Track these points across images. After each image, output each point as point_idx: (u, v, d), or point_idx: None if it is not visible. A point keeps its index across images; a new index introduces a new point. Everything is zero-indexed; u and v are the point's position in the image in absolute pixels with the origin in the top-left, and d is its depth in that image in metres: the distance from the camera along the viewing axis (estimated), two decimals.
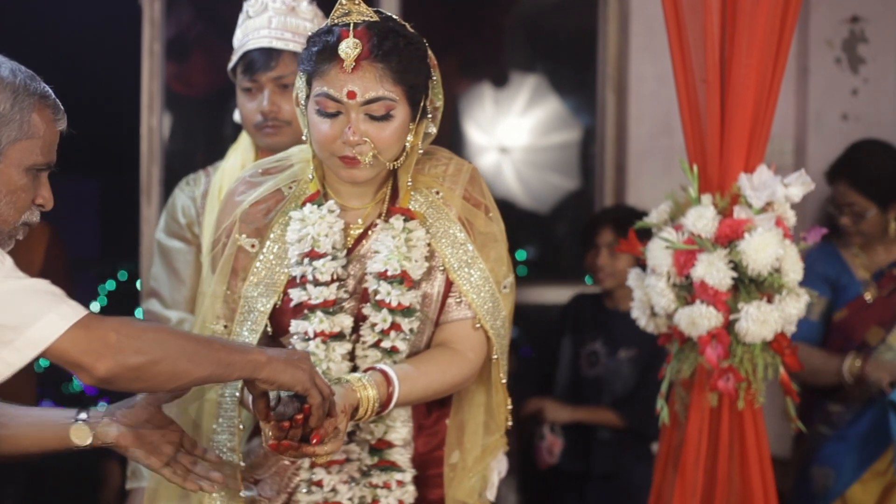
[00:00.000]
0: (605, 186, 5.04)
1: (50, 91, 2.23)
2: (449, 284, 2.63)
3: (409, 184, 2.61)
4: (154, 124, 4.61)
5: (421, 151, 2.61)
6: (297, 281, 2.58)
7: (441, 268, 2.62)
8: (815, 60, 4.89)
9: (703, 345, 3.00)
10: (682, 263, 3.02)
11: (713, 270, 2.97)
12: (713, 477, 3.10)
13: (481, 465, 2.74)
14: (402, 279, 2.56)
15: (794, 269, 3.01)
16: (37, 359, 2.05)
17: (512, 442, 4.56)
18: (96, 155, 3.68)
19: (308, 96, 2.53)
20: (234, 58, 3.28)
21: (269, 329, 2.61)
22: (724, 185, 3.05)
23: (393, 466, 2.63)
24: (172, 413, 2.48)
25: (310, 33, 2.61)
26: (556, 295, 5.22)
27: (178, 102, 4.93)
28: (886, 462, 4.02)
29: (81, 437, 2.33)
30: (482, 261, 2.63)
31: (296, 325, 2.58)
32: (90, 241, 4.95)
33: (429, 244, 2.60)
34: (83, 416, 2.35)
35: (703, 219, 3.01)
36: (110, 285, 5.32)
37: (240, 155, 3.37)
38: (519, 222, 5.56)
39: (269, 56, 3.21)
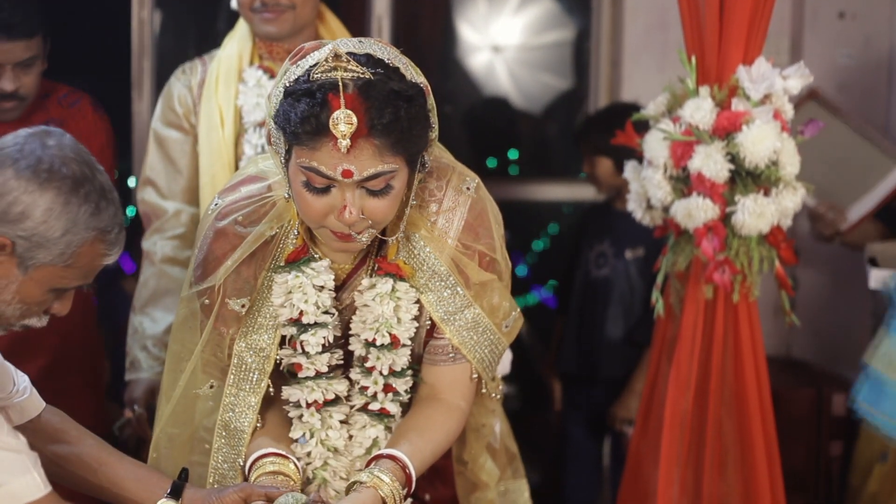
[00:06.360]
0: (599, 83, 5.01)
1: (116, 224, 2.10)
2: (430, 329, 2.45)
3: (402, 234, 2.38)
4: (145, 17, 4.55)
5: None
6: (287, 343, 2.42)
7: (428, 322, 2.44)
8: None
9: (700, 237, 3.01)
10: (680, 155, 3.01)
11: (710, 162, 2.96)
12: (707, 370, 3.11)
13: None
14: (392, 343, 2.40)
15: (791, 162, 3.00)
16: None
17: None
18: (87, 51, 3.64)
19: (288, 151, 2.23)
20: None
21: (271, 390, 2.44)
22: (723, 76, 3.03)
23: None
24: None
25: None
26: (549, 192, 5.22)
27: None
28: None
29: None
30: (476, 306, 2.42)
31: (288, 393, 2.43)
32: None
33: (418, 301, 2.41)
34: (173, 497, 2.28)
35: (700, 110, 2.99)
36: None
37: (236, 44, 3.31)
38: (511, 122, 5.55)
39: None
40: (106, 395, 3.97)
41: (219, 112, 3.24)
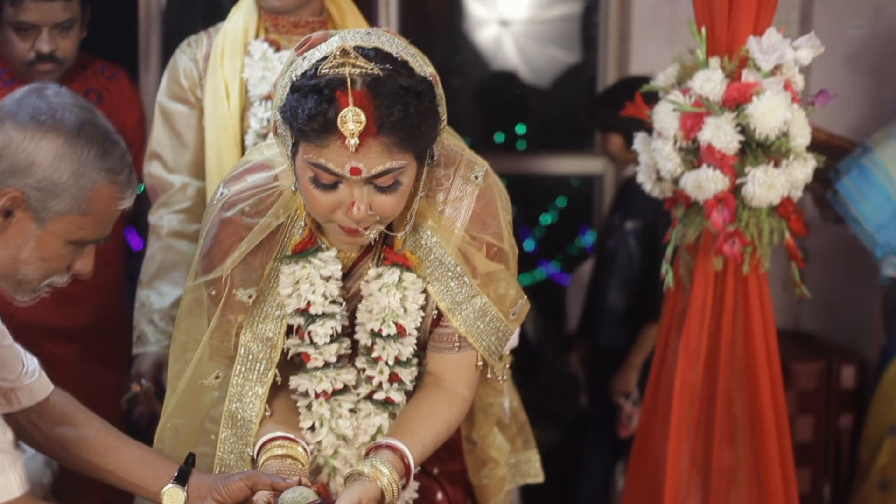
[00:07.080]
0: (608, 57, 4.98)
1: (125, 165, 2.07)
2: (436, 318, 2.44)
3: (408, 228, 2.35)
4: None
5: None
6: (294, 333, 2.40)
7: (434, 311, 2.42)
8: None
9: (710, 208, 2.99)
10: (689, 127, 2.99)
11: (720, 134, 2.94)
12: (717, 342, 3.10)
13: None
14: (398, 333, 2.38)
15: (801, 134, 2.98)
16: None
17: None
18: (94, 24, 3.64)
19: (294, 144, 2.20)
20: None
21: (278, 379, 2.42)
22: (733, 47, 3.01)
23: None
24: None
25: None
26: (557, 166, 5.21)
27: None
28: None
29: (174, 500, 2.26)
30: (484, 295, 2.39)
31: (296, 382, 2.43)
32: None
33: (424, 291, 2.39)
34: (180, 481, 2.28)
35: (710, 82, 2.97)
36: None
37: (242, 16, 3.29)
38: (519, 96, 5.53)
39: None
40: None
41: (224, 85, 3.23)
